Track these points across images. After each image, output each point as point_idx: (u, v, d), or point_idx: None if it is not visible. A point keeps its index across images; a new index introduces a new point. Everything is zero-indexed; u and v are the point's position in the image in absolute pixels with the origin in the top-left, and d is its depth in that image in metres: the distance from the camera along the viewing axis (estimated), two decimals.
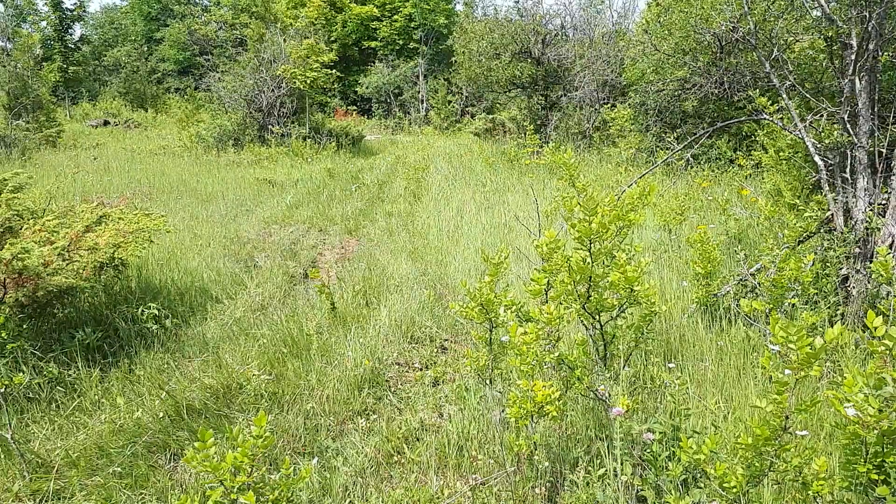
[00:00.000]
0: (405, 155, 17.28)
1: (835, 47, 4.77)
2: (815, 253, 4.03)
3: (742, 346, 3.69)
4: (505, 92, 16.88)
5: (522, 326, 2.50)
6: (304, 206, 9.52)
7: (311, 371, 3.80)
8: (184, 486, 2.84)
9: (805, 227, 4.30)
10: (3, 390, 3.00)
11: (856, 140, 4.26)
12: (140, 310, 4.54)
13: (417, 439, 3.13)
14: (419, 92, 29.95)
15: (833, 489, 1.82)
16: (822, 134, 4.65)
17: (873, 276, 3.44)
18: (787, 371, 1.86)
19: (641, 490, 2.31)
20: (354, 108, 31.13)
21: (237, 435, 1.74)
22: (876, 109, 4.32)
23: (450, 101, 27.36)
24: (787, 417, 1.83)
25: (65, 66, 29.79)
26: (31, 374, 3.65)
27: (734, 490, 1.93)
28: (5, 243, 3.86)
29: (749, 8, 5.85)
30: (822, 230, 4.39)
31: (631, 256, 2.81)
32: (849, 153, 4.38)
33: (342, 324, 4.61)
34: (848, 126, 4.32)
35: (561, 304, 2.69)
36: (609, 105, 14.97)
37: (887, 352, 1.70)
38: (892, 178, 4.11)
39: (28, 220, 4.40)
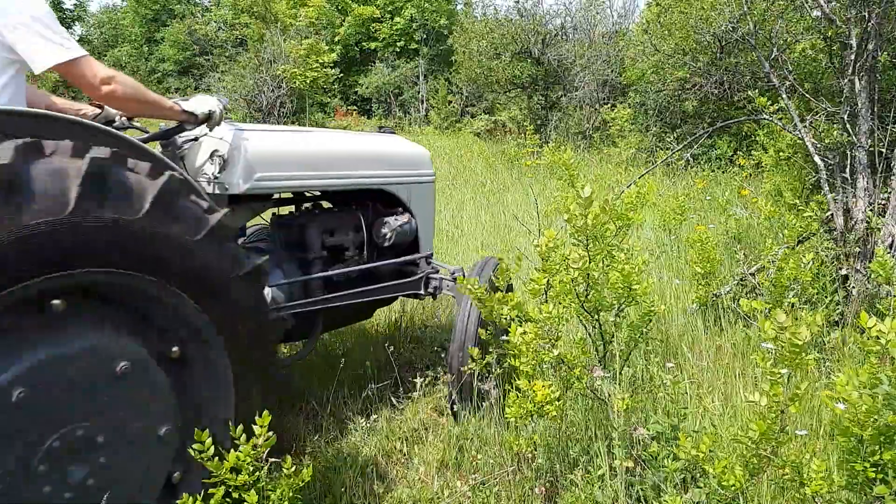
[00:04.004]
0: None
1: (835, 47, 4.78)
2: (816, 253, 4.04)
3: (741, 346, 3.70)
4: (505, 92, 16.89)
5: (522, 326, 2.51)
6: None
7: (311, 370, 3.81)
8: None
9: (805, 227, 4.31)
10: None
11: (855, 140, 4.26)
12: None
13: (418, 439, 3.14)
14: (419, 92, 29.96)
15: (832, 487, 1.83)
16: (822, 134, 4.65)
17: (872, 276, 3.45)
18: (784, 371, 1.87)
19: (641, 489, 2.32)
20: (355, 108, 31.14)
21: (239, 434, 1.75)
22: (876, 109, 4.32)
23: (450, 102, 27.36)
24: (782, 412, 1.84)
25: None
26: None
27: (733, 487, 1.94)
28: None
29: (749, 8, 5.86)
30: (821, 230, 4.39)
31: (630, 256, 2.82)
32: (849, 153, 4.39)
33: None
34: (848, 126, 4.33)
35: (560, 303, 2.70)
36: (609, 105, 14.98)
37: (882, 351, 1.70)
38: (892, 178, 4.11)
39: None
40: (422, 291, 3.49)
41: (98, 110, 2.62)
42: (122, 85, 2.01)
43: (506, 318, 2.80)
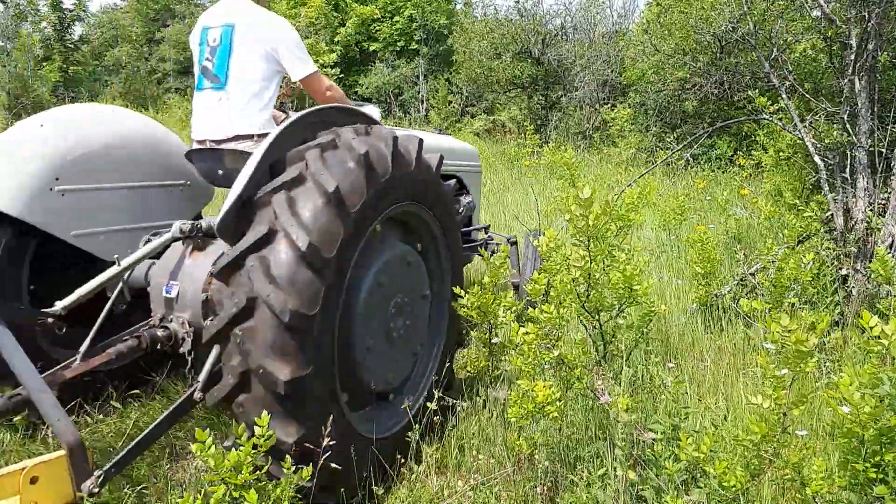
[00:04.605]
0: None
1: (835, 47, 4.78)
2: (816, 253, 4.04)
3: (742, 346, 3.70)
4: (505, 92, 16.88)
5: (524, 326, 2.51)
6: None
7: None
8: (183, 486, 2.85)
9: (805, 227, 4.30)
10: None
11: (855, 140, 4.26)
12: None
13: (419, 438, 3.13)
14: (419, 92, 29.94)
15: (832, 488, 1.83)
16: (822, 134, 4.65)
17: (872, 276, 3.45)
18: (783, 371, 1.86)
19: (642, 490, 2.32)
20: None
21: (241, 433, 1.75)
22: (876, 109, 4.32)
23: (450, 102, 27.32)
24: (784, 414, 1.84)
25: (65, 66, 29.74)
26: None
27: (734, 489, 1.93)
28: None
29: (749, 8, 5.86)
30: (822, 230, 4.39)
31: (630, 256, 2.82)
32: (849, 153, 4.39)
33: None
34: (848, 126, 4.32)
35: (560, 304, 2.70)
36: (609, 105, 14.97)
37: (884, 351, 1.70)
38: (892, 178, 4.11)
39: None
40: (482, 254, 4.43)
41: (283, 114, 3.49)
42: (337, 93, 3.10)
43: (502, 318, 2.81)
